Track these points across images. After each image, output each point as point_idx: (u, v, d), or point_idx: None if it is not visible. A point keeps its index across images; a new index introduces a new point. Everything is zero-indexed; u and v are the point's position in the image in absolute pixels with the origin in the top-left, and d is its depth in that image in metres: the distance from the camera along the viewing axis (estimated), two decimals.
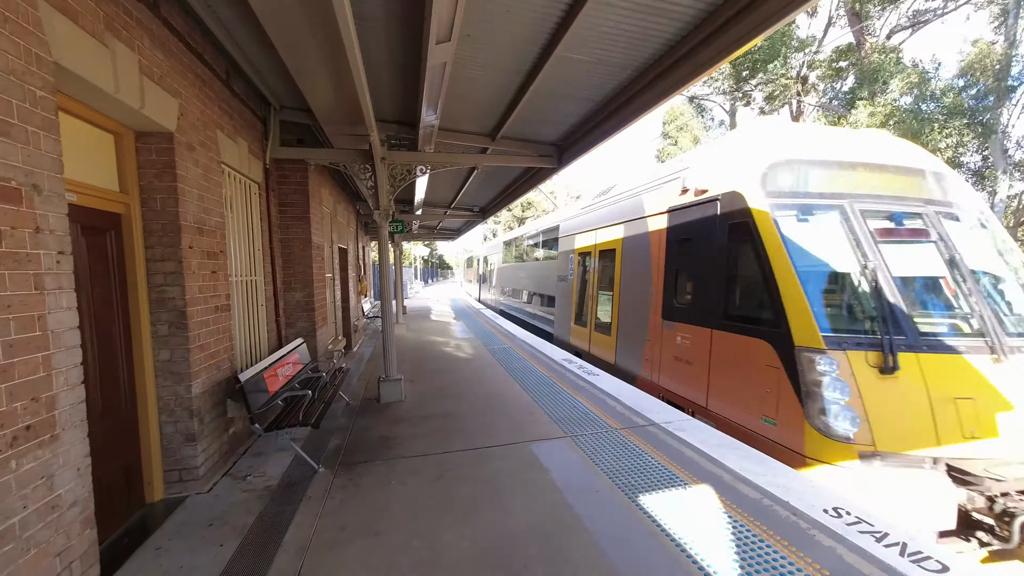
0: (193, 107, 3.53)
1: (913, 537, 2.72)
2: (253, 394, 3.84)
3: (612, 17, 3.50)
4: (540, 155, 6.74)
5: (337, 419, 5.08)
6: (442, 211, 13.58)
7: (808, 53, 18.15)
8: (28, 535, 1.90)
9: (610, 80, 4.60)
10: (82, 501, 2.22)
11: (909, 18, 17.26)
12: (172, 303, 3.28)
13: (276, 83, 4.83)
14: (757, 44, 14.33)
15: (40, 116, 2.04)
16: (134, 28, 2.83)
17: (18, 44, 1.93)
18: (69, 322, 2.19)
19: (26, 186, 1.95)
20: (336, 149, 5.58)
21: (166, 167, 3.21)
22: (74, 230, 2.63)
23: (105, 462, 2.87)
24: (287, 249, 5.93)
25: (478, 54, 4.11)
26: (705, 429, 4.57)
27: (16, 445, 1.86)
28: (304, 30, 3.07)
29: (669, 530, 2.87)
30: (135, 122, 3.03)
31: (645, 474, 3.64)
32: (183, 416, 3.35)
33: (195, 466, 3.40)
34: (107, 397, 2.93)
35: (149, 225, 3.22)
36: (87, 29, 2.41)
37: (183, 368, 3.32)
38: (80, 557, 2.20)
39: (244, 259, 4.69)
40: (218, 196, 3.89)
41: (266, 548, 2.77)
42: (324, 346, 6.86)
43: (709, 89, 21.98)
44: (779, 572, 2.47)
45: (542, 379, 6.72)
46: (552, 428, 4.68)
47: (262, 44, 3.93)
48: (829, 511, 3.01)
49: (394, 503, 3.25)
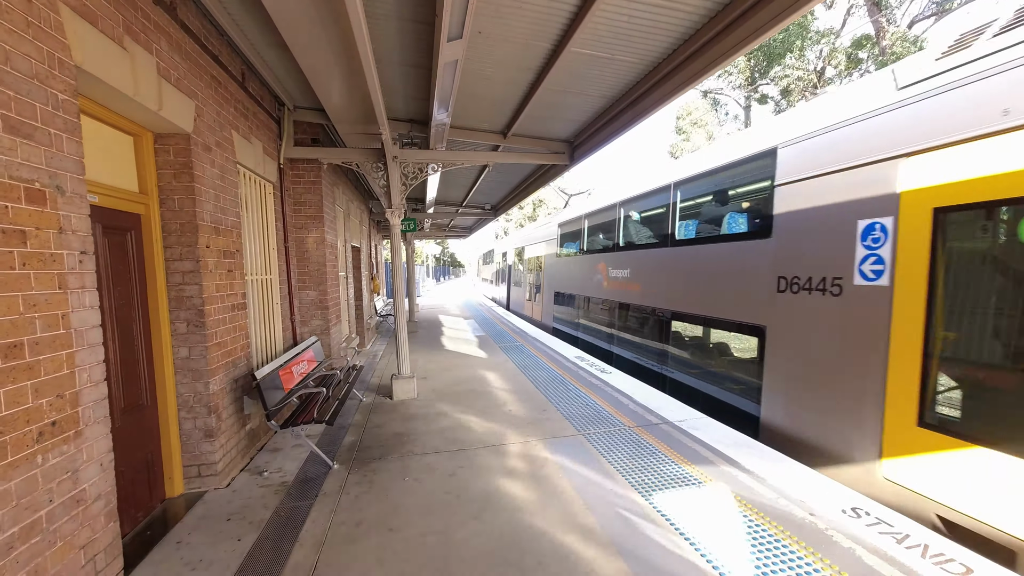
0: (209, 108, 3.58)
1: (935, 539, 2.66)
2: (269, 391, 3.89)
3: (625, 12, 3.47)
4: (552, 152, 6.70)
5: (351, 416, 5.13)
6: (453, 209, 13.60)
7: (826, 45, 17.78)
8: (54, 528, 1.96)
9: (623, 76, 4.56)
10: (105, 495, 2.28)
11: (934, 5, 16.77)
12: (190, 301, 3.34)
13: (290, 83, 4.88)
14: (772, 37, 14.08)
15: (62, 119, 2.08)
16: (152, 31, 2.88)
17: (41, 48, 1.98)
18: (92, 320, 2.24)
19: (50, 188, 2.00)
20: (349, 148, 5.62)
21: (184, 168, 3.27)
22: (96, 230, 2.70)
23: (127, 457, 2.94)
24: (301, 248, 6.00)
25: (489, 51, 4.10)
26: (720, 427, 4.52)
27: (42, 440, 1.91)
28: (317, 30, 3.09)
29: (684, 530, 2.84)
30: (153, 124, 3.08)
31: (659, 473, 3.61)
32: (202, 412, 3.41)
33: (213, 462, 3.47)
34: (129, 394, 3.00)
35: (167, 225, 3.28)
36: (107, 33, 2.46)
37: (201, 365, 3.38)
38: (104, 550, 2.25)
39: (259, 258, 4.76)
40: (234, 196, 3.95)
41: (283, 542, 2.81)
42: (338, 344, 6.93)
43: (723, 83, 21.68)
44: (797, 573, 2.43)
45: (554, 376, 6.70)
46: (565, 426, 4.67)
47: (277, 45, 3.98)
48: (848, 511, 2.96)
49: (408, 499, 3.28)
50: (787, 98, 19.00)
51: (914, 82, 3.43)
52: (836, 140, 3.98)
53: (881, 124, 3.60)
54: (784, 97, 19.07)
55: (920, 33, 16.47)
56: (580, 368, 7.21)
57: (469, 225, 18.11)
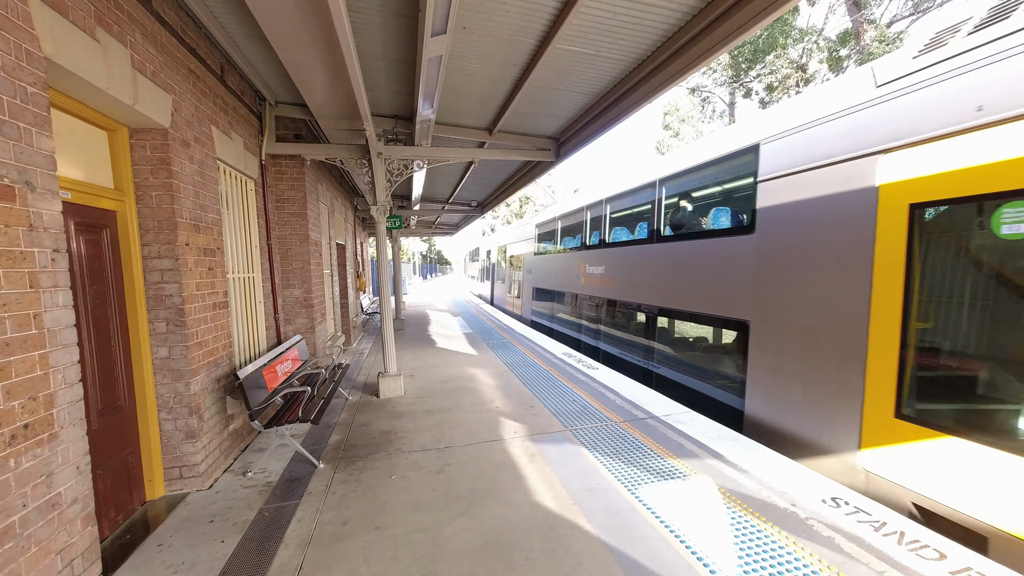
0: (187, 103, 3.50)
1: (911, 526, 2.73)
2: (252, 391, 3.84)
3: (610, 8, 3.47)
4: (538, 148, 6.70)
5: (337, 415, 5.09)
6: (440, 206, 13.51)
7: (808, 42, 18.03)
8: (29, 533, 1.91)
9: (608, 72, 4.56)
10: (82, 499, 2.22)
11: (911, 6, 17.10)
12: (169, 300, 3.27)
13: (271, 78, 4.79)
14: (757, 34, 14.28)
15: (32, 113, 2.02)
16: (126, 22, 2.80)
17: (7, 39, 1.91)
18: (66, 320, 2.18)
19: (19, 183, 1.94)
20: (333, 144, 5.55)
21: (161, 163, 3.19)
22: (69, 228, 2.62)
23: (105, 460, 2.87)
24: (284, 245, 5.91)
25: (474, 47, 4.07)
26: (705, 421, 4.58)
27: (14, 444, 1.86)
28: (298, 23, 3.03)
29: (669, 522, 2.88)
30: (129, 118, 3.00)
31: (645, 467, 3.65)
32: (183, 413, 3.34)
33: (195, 463, 3.41)
34: (106, 395, 2.93)
35: (145, 222, 3.20)
36: (78, 24, 2.38)
37: (182, 365, 3.31)
38: (81, 554, 2.20)
39: (241, 256, 4.68)
40: (214, 192, 3.87)
41: (268, 543, 2.78)
42: (323, 342, 6.86)
43: (709, 80, 21.87)
44: (778, 561, 2.48)
45: (542, 373, 6.72)
46: (552, 422, 4.69)
47: (256, 38, 3.90)
48: (828, 501, 3.02)
49: (395, 497, 3.26)
50: (771, 94, 19.23)
51: (892, 80, 3.50)
52: (816, 137, 4.05)
53: (860, 121, 3.67)
54: (769, 93, 19.29)
55: (898, 32, 16.79)
56: (567, 364, 7.25)
57: (456, 222, 18.01)
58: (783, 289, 4.32)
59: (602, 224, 8.57)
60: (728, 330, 5.26)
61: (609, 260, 8.14)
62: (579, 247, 9.69)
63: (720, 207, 5.50)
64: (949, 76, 3.11)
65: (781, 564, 2.47)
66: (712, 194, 5.91)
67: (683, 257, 5.97)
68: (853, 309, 3.64)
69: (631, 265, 7.32)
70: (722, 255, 5.17)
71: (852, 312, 3.65)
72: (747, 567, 2.45)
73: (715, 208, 5.55)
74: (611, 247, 8.15)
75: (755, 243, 4.68)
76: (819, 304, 3.94)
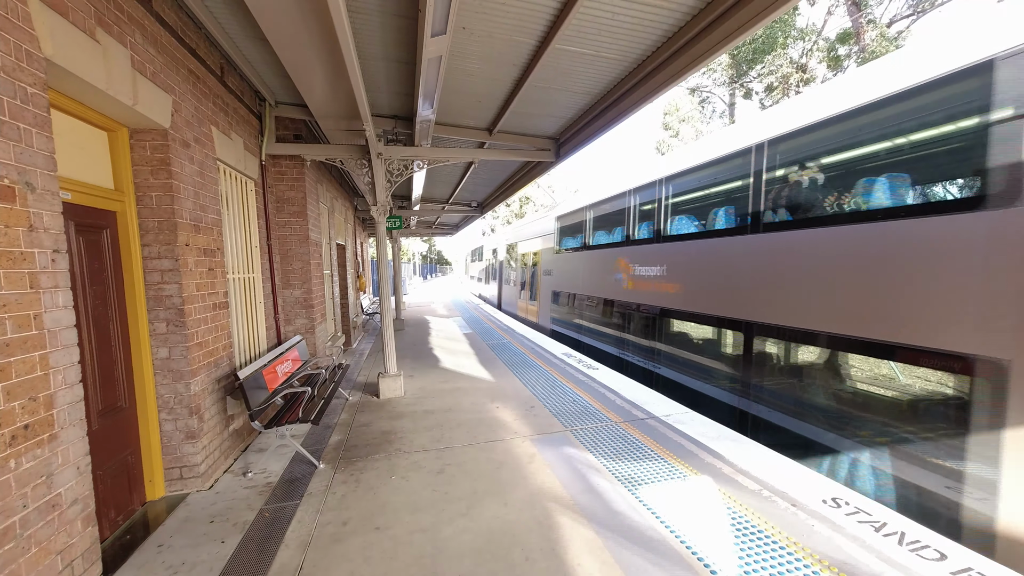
0: (187, 103, 3.50)
1: (912, 526, 2.73)
2: (252, 391, 3.84)
3: (609, 8, 3.47)
4: (538, 149, 6.70)
5: (337, 415, 5.09)
6: (440, 206, 13.51)
7: (808, 42, 18.03)
8: (29, 533, 1.91)
9: (608, 72, 4.56)
10: (83, 499, 2.22)
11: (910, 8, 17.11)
12: (169, 301, 3.27)
13: (271, 78, 4.80)
14: (757, 33, 14.26)
15: (32, 113, 2.02)
16: (126, 23, 2.80)
17: (7, 40, 1.91)
18: (66, 321, 2.18)
19: (19, 184, 1.94)
20: (332, 145, 5.55)
21: (161, 164, 3.19)
22: (69, 228, 2.62)
23: (105, 460, 2.87)
24: (284, 246, 5.91)
25: (474, 47, 4.07)
26: (705, 422, 4.58)
27: (15, 444, 1.86)
28: (298, 24, 3.03)
29: (669, 522, 2.88)
30: (129, 119, 3.00)
31: (645, 467, 3.65)
32: (183, 414, 3.34)
33: (196, 463, 3.41)
34: (106, 395, 2.93)
35: (145, 223, 3.20)
36: (78, 24, 2.38)
37: (182, 366, 3.31)
38: (82, 555, 2.20)
39: (241, 256, 4.68)
40: (214, 193, 3.87)
41: (268, 544, 2.78)
42: (323, 343, 6.86)
43: (709, 81, 21.87)
44: (778, 562, 2.48)
45: (542, 373, 6.72)
46: (552, 422, 4.69)
47: (256, 39, 3.90)
48: (828, 501, 3.02)
49: (395, 498, 3.26)
50: (770, 94, 19.24)
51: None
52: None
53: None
54: (768, 93, 19.30)
55: (898, 33, 16.79)
56: (568, 365, 7.25)
57: (456, 222, 18.02)
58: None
59: (657, 212, 6.80)
60: (940, 370, 3.15)
61: (671, 258, 6.36)
62: (622, 242, 7.91)
63: (896, 173, 3.57)
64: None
65: (781, 564, 2.47)
66: (885, 151, 3.73)
67: (831, 253, 3.92)
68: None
69: (710, 265, 5.51)
70: (922, 249, 3.22)
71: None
72: (747, 567, 2.45)
73: (887, 174, 3.62)
74: (673, 241, 6.40)
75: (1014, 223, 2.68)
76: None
